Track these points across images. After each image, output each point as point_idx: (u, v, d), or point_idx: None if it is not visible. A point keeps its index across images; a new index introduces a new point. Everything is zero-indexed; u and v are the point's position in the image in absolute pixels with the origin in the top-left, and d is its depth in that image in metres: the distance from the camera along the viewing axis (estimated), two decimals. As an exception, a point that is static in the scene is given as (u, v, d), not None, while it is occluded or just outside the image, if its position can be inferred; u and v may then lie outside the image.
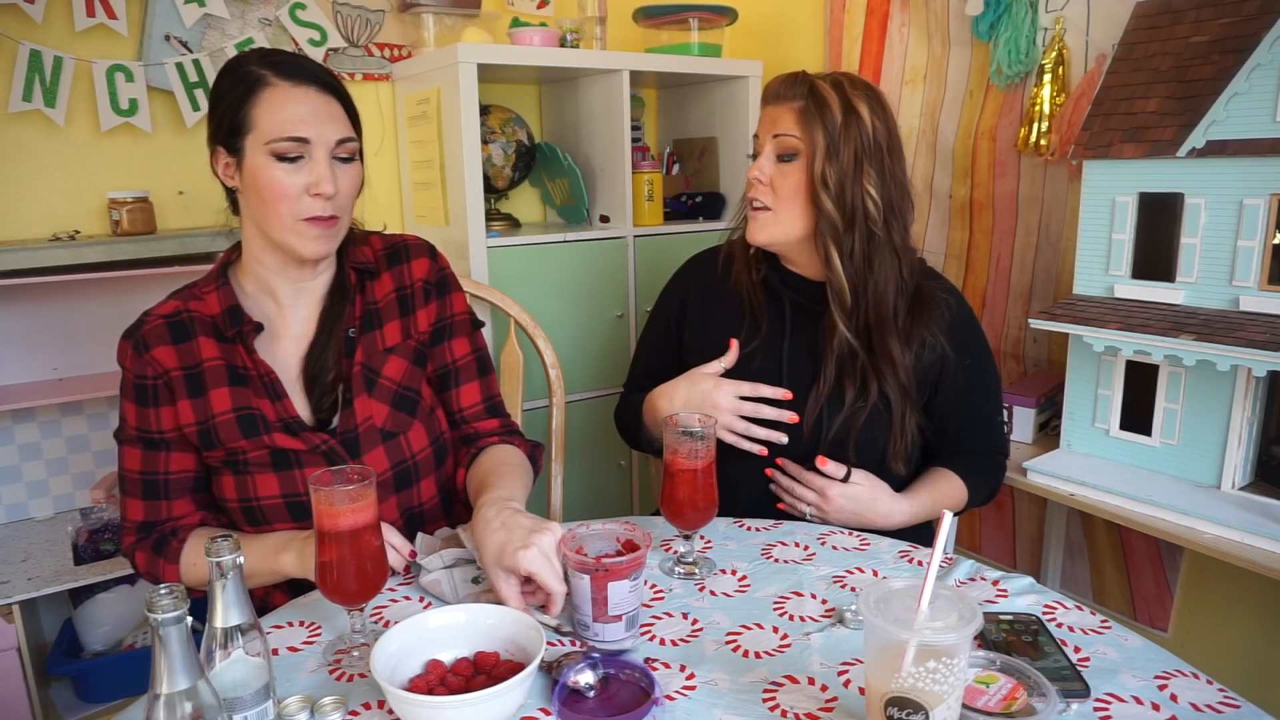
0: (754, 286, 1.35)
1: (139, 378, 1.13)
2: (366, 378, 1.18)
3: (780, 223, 1.26)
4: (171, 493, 1.15)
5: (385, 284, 1.24)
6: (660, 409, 1.30)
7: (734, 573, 1.10)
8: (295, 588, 1.15)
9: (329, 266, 1.21)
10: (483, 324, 1.34)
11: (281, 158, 1.06)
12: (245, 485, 1.14)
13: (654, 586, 1.07)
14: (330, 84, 1.11)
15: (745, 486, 1.32)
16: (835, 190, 1.21)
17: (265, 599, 1.20)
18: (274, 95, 1.07)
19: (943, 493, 1.32)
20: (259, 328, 1.15)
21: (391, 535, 1.06)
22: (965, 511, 1.40)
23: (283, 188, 1.07)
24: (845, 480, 1.24)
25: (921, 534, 1.35)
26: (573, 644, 0.94)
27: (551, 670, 0.86)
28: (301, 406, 1.16)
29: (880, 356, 1.26)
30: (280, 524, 1.16)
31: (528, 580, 0.96)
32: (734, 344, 1.31)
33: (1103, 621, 0.97)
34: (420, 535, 1.14)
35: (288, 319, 1.18)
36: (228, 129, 1.09)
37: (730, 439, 1.27)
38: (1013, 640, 0.91)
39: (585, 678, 0.83)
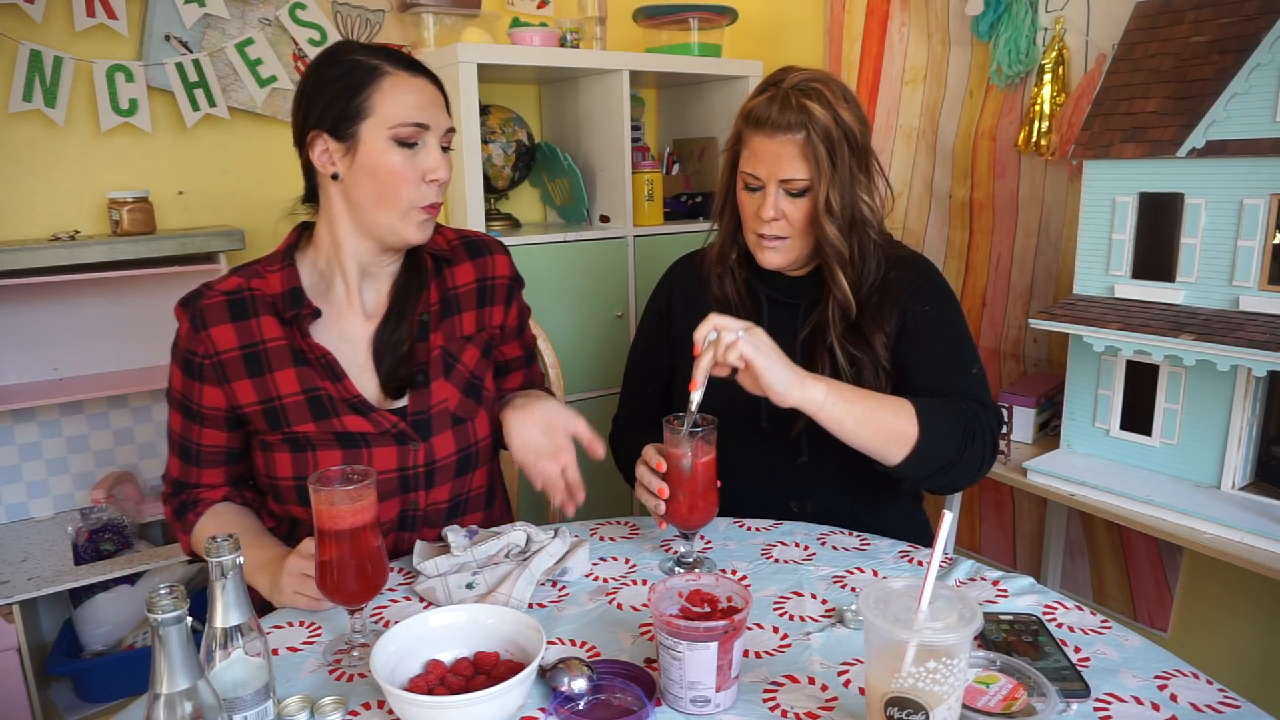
0: (738, 290, 1.35)
1: (189, 351, 1.13)
2: (446, 362, 1.20)
3: (795, 248, 1.27)
4: (203, 462, 1.18)
5: (466, 273, 1.26)
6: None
7: (734, 573, 1.10)
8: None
9: (400, 251, 1.22)
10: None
11: (402, 143, 1.10)
12: (305, 463, 1.13)
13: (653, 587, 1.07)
14: (436, 78, 1.16)
15: (745, 485, 1.31)
16: (839, 211, 1.22)
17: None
18: (395, 83, 1.10)
19: (879, 401, 1.13)
20: (316, 313, 1.14)
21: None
22: (932, 458, 1.13)
23: (403, 173, 1.10)
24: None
25: (921, 534, 1.35)
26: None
27: (544, 675, 0.85)
28: (368, 384, 1.16)
29: (862, 345, 1.25)
30: None
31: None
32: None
33: (1103, 621, 0.97)
34: (419, 542, 1.13)
35: (356, 300, 1.18)
36: (337, 115, 1.09)
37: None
38: (1013, 640, 0.91)
39: (579, 685, 0.82)
